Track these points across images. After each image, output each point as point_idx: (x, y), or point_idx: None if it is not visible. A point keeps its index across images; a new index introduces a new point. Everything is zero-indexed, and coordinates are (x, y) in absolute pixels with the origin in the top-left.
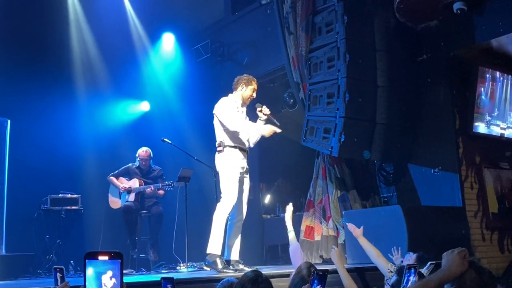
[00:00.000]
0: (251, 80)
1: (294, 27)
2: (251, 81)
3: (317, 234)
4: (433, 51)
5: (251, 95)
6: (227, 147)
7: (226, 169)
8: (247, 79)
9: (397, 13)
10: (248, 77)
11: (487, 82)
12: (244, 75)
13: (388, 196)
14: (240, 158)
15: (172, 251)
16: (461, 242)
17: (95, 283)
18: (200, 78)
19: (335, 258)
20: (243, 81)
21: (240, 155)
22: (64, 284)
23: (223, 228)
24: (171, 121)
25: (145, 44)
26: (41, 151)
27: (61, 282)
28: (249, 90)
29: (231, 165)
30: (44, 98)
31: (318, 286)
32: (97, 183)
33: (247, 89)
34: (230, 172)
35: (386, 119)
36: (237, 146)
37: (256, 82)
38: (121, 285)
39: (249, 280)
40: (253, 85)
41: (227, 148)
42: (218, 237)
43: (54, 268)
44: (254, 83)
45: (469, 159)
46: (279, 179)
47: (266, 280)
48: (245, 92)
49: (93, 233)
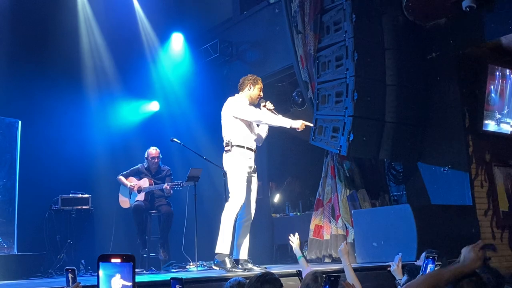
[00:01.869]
0: (257, 79)
1: (302, 26)
2: (257, 80)
3: (326, 233)
4: (442, 49)
5: (258, 94)
6: (235, 146)
7: (233, 169)
8: (253, 79)
9: (406, 11)
10: (254, 77)
11: (496, 80)
12: (249, 75)
13: (398, 194)
14: (247, 158)
15: (182, 250)
16: (471, 241)
17: (107, 285)
18: (208, 78)
19: (342, 254)
20: (250, 81)
21: (248, 155)
22: (76, 285)
23: (232, 227)
24: (180, 121)
25: (154, 44)
26: (51, 152)
27: (73, 283)
28: (256, 89)
29: (239, 164)
30: (55, 99)
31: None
32: (108, 183)
33: (255, 89)
34: (237, 171)
35: (395, 118)
36: (244, 146)
37: (261, 81)
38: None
39: (257, 278)
40: (259, 84)
41: (234, 148)
42: (227, 237)
43: (66, 269)
44: (260, 82)
45: (479, 157)
46: (288, 178)
47: (274, 279)
48: (253, 92)
49: (103, 233)
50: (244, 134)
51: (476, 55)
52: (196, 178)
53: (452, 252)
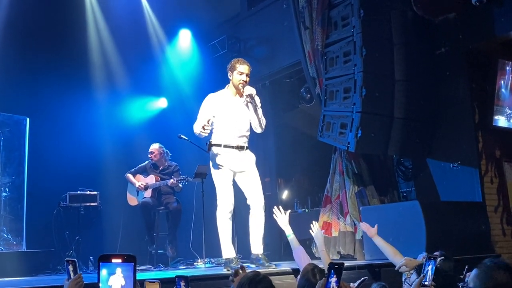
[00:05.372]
0: (234, 63)
1: (310, 22)
2: (235, 64)
3: (335, 230)
4: (451, 44)
5: (239, 80)
6: (212, 146)
7: (212, 171)
8: (230, 65)
9: (415, 6)
10: (231, 62)
11: (507, 75)
12: (230, 62)
13: (407, 191)
14: (227, 157)
15: (189, 247)
16: (481, 237)
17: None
18: (216, 74)
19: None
20: (228, 68)
21: (227, 153)
22: (77, 276)
23: (227, 230)
24: (188, 117)
25: (162, 40)
26: (60, 149)
27: (74, 275)
28: (235, 75)
29: (217, 165)
30: (63, 96)
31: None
32: (116, 179)
33: (233, 75)
34: (216, 173)
35: (404, 114)
36: (221, 144)
37: (242, 62)
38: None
39: (248, 279)
40: (236, 68)
41: (212, 148)
42: (226, 241)
43: (66, 260)
44: (238, 65)
45: (489, 153)
46: (296, 175)
47: (264, 280)
48: (233, 79)
49: (112, 230)
50: (221, 131)
51: (486, 50)
52: (203, 175)
53: (461, 249)
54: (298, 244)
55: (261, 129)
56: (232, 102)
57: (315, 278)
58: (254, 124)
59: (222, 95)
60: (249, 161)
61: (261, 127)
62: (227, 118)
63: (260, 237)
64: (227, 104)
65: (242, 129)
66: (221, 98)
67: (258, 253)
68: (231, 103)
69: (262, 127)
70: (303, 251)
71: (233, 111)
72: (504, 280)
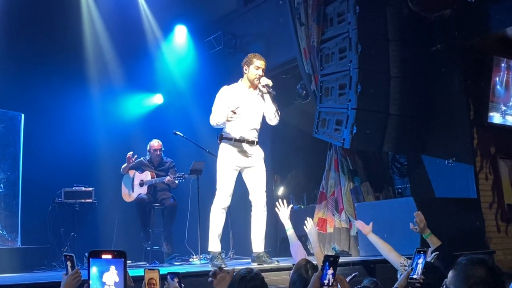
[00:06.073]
0: (251, 58)
1: (306, 18)
2: (252, 58)
3: (330, 226)
4: (447, 41)
5: (256, 74)
6: (223, 139)
7: (218, 164)
8: (246, 59)
9: (410, 2)
10: (248, 56)
11: (502, 72)
12: (247, 56)
13: (402, 187)
14: (236, 151)
15: (185, 243)
16: (475, 234)
17: (98, 281)
18: (212, 70)
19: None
20: (244, 62)
21: (237, 147)
22: (75, 271)
23: (217, 224)
24: (184, 113)
25: (158, 36)
26: (55, 145)
27: (72, 270)
28: (252, 69)
29: (223, 159)
30: (58, 92)
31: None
32: (111, 176)
33: (250, 69)
34: (221, 167)
35: (399, 110)
36: (232, 138)
37: (260, 57)
38: (125, 284)
39: (239, 277)
40: (253, 63)
41: (222, 141)
42: (214, 235)
43: (64, 255)
44: (255, 59)
45: (484, 150)
46: (292, 171)
47: (256, 277)
48: (249, 73)
49: (107, 226)
50: (234, 124)
51: (481, 46)
52: (199, 171)
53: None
54: (296, 238)
55: (277, 120)
56: (247, 96)
57: (308, 273)
58: (270, 115)
59: (236, 88)
60: (257, 157)
61: (277, 118)
62: (241, 111)
63: (261, 235)
64: (241, 97)
65: (254, 123)
66: (236, 91)
67: (259, 251)
68: (246, 96)
69: (277, 118)
70: (300, 246)
71: (247, 104)
72: (483, 274)
